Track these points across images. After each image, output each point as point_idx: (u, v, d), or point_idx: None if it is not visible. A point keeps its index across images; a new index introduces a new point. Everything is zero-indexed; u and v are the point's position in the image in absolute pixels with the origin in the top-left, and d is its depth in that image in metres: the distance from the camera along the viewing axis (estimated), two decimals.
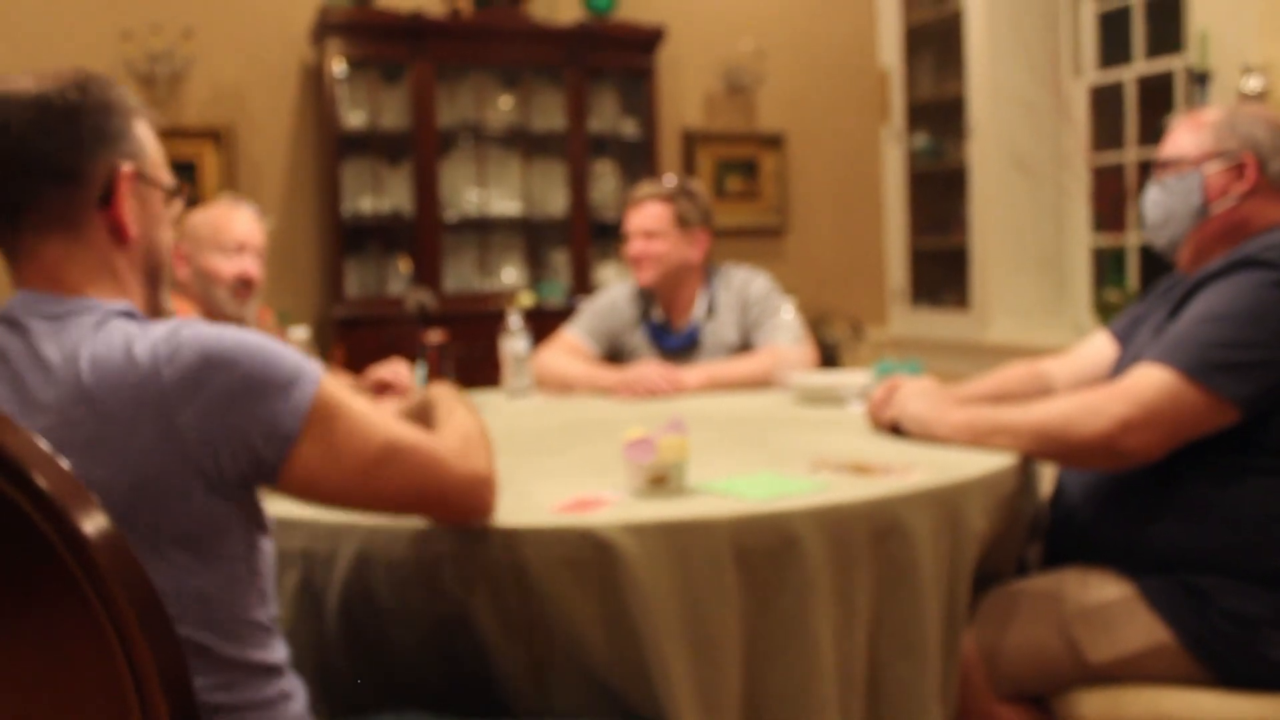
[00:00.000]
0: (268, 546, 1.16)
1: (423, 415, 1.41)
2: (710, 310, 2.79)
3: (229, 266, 2.26)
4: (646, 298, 2.84)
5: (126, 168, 1.15)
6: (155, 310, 1.21)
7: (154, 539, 1.03)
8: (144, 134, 1.19)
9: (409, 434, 1.18)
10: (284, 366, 1.09)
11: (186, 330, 1.06)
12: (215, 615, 1.07)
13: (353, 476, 1.13)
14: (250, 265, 2.29)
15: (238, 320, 2.28)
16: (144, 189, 1.18)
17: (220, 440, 1.04)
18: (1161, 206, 1.76)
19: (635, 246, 2.77)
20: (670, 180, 2.84)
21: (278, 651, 1.15)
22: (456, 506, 1.23)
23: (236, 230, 2.28)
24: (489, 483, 1.24)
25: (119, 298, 1.14)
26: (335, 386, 1.13)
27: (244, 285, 2.28)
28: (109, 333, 1.06)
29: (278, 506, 1.26)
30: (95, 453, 1.01)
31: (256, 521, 1.13)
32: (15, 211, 1.12)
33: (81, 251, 1.13)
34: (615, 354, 2.84)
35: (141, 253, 1.18)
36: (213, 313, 2.25)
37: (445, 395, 1.44)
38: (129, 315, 1.11)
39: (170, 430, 1.03)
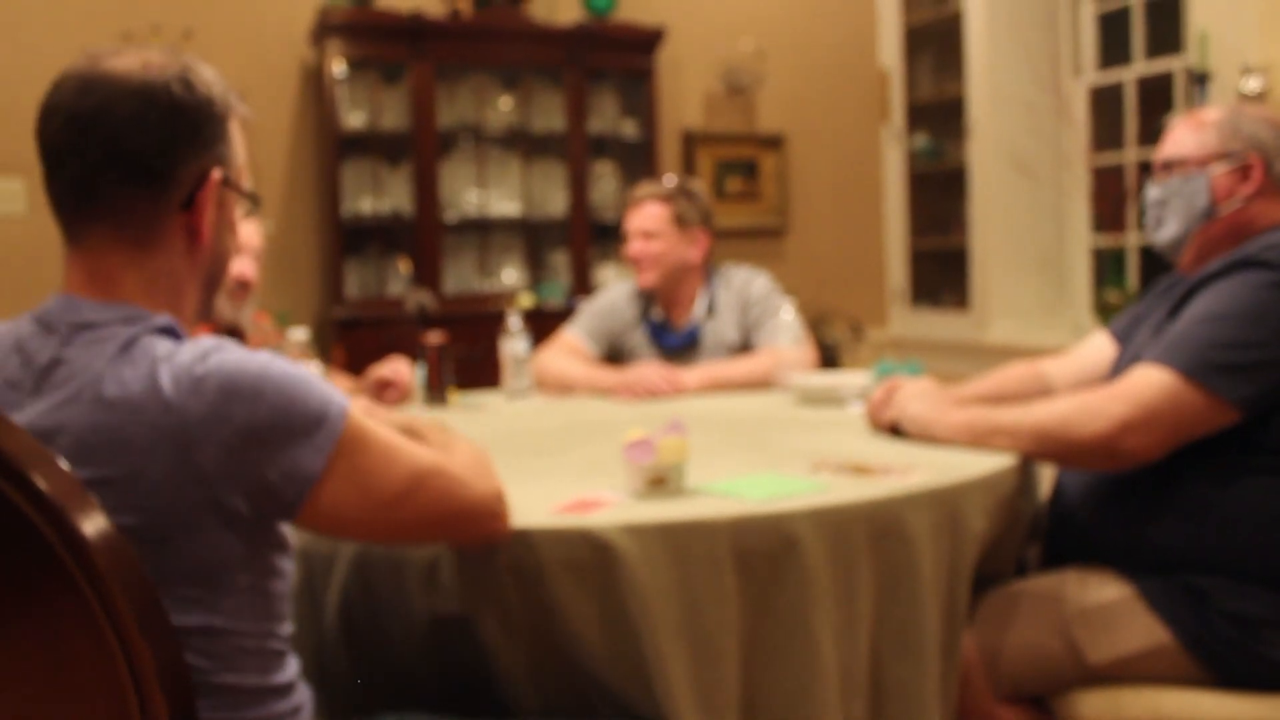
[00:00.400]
0: (287, 566, 1.12)
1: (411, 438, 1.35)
2: (710, 310, 2.79)
3: None
4: (646, 297, 2.84)
5: (216, 174, 1.10)
6: (205, 314, 1.18)
7: (159, 573, 0.97)
8: (236, 136, 1.14)
9: (431, 457, 1.15)
10: (311, 404, 1.04)
11: (214, 358, 1.01)
12: (217, 648, 1.04)
13: (378, 509, 1.09)
14: (247, 267, 2.28)
15: (233, 322, 2.28)
16: (226, 195, 1.14)
17: (238, 478, 1.00)
18: (1166, 207, 1.76)
19: (634, 247, 2.77)
20: (670, 180, 2.85)
21: (286, 672, 1.12)
22: (479, 526, 1.21)
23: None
24: (504, 500, 1.23)
25: (167, 308, 1.09)
26: (360, 419, 1.08)
27: (241, 287, 2.28)
28: (136, 353, 1.01)
29: None
30: (107, 482, 0.97)
31: (274, 546, 1.09)
32: (85, 203, 1.06)
33: (146, 256, 1.08)
34: (615, 354, 2.84)
35: (208, 258, 1.14)
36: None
37: (433, 422, 1.38)
38: (166, 331, 1.05)
39: (187, 464, 0.98)
